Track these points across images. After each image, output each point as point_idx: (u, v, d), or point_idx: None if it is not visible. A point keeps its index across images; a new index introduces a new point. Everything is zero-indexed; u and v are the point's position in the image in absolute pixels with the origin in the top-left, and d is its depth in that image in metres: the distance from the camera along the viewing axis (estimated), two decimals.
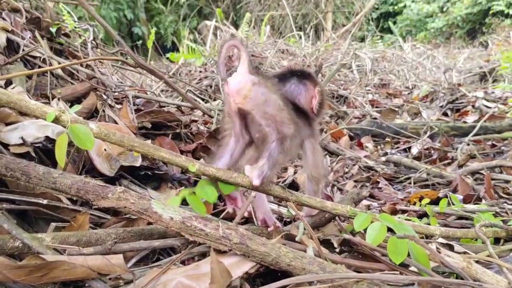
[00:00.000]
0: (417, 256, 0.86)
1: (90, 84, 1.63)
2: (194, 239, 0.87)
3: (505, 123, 3.36)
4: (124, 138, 0.89)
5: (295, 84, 1.18)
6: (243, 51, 1.02)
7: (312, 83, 1.19)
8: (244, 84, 0.98)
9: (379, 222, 0.92)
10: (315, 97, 1.17)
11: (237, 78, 0.99)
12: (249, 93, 0.98)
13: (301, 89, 1.18)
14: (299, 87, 1.18)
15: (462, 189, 1.86)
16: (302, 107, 1.15)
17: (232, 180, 0.98)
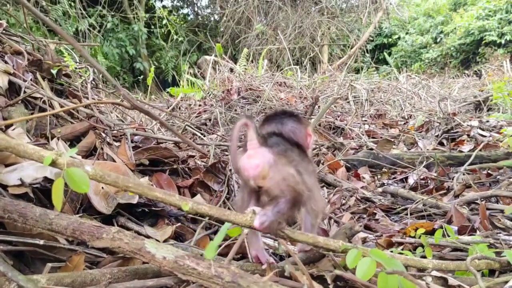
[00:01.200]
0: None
1: (89, 123, 1.67)
2: (187, 278, 0.88)
3: (500, 151, 3.38)
4: (118, 179, 0.92)
5: (292, 125, 1.25)
6: (252, 128, 1.03)
7: (305, 123, 1.29)
8: (262, 168, 1.01)
9: (368, 258, 0.93)
10: (309, 135, 1.27)
11: (254, 162, 1.02)
12: (267, 174, 1.02)
13: (299, 129, 1.25)
14: (297, 127, 1.25)
15: (457, 220, 1.87)
16: (300, 143, 1.22)
17: (225, 217, 1.00)
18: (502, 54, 12.08)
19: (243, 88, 5.61)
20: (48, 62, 1.81)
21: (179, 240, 1.55)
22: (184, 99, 5.87)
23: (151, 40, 12.64)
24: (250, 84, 5.88)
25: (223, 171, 1.94)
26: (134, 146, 1.84)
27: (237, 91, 5.59)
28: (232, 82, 5.97)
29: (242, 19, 11.83)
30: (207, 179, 1.86)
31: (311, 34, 10.76)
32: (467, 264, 1.06)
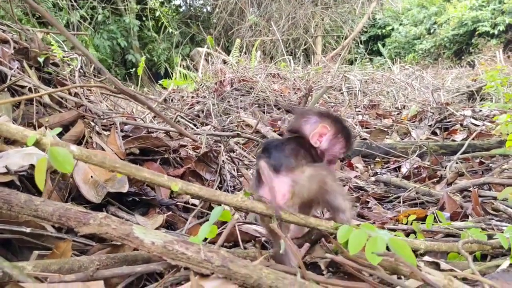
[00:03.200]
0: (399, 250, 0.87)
1: (78, 112, 1.65)
2: (176, 263, 0.87)
3: (493, 140, 3.40)
4: (105, 159, 0.90)
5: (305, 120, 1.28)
6: (265, 169, 1.05)
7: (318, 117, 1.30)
8: (288, 194, 1.05)
9: (359, 230, 0.93)
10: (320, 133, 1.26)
11: (279, 193, 1.04)
12: (294, 193, 1.06)
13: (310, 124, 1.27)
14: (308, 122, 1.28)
15: (449, 207, 1.87)
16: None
17: (215, 198, 0.99)
18: (495, 44, 12.12)
19: (236, 79, 5.57)
20: (35, 50, 1.78)
21: (170, 229, 1.54)
22: (176, 91, 5.83)
23: (143, 32, 12.52)
24: (243, 75, 5.84)
25: (215, 161, 1.92)
26: (124, 136, 1.82)
27: (230, 82, 5.56)
28: (225, 74, 5.94)
29: (235, 10, 11.74)
30: (198, 168, 1.84)
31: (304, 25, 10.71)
32: (458, 246, 1.06)
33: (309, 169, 1.10)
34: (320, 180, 1.10)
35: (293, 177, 1.07)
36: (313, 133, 1.23)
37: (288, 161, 1.10)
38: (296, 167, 1.10)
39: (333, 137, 1.26)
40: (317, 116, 1.28)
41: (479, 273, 0.96)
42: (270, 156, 1.12)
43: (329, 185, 1.10)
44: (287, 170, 1.08)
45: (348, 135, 1.30)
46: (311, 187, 1.08)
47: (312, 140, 1.24)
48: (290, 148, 1.16)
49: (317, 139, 1.24)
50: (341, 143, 1.28)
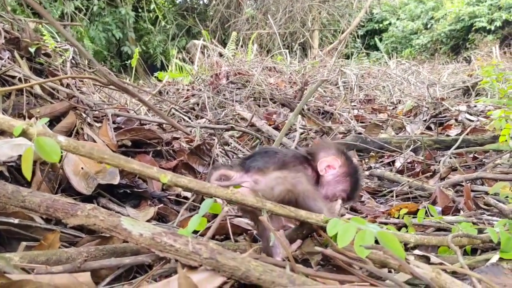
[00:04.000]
0: (387, 244, 0.87)
1: (69, 103, 1.63)
2: (164, 255, 0.87)
3: (487, 135, 3.41)
4: (93, 150, 0.89)
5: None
6: (229, 171, 1.12)
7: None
8: (246, 190, 1.07)
9: (348, 224, 0.93)
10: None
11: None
12: (255, 192, 1.07)
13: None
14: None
15: (441, 201, 1.88)
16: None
17: (205, 190, 0.98)
18: (492, 40, 12.13)
19: (232, 72, 5.55)
20: (26, 40, 1.76)
21: (162, 222, 1.54)
22: (172, 84, 5.81)
23: (138, 24, 12.42)
24: (239, 68, 5.82)
25: (208, 153, 1.92)
26: (116, 127, 1.81)
27: (225, 75, 5.53)
28: (221, 67, 5.91)
29: (232, 2, 11.67)
30: (191, 161, 1.84)
31: (301, 19, 10.66)
32: (448, 240, 1.06)
33: (277, 172, 1.11)
34: (288, 183, 1.09)
35: (257, 177, 1.09)
36: (323, 160, 1.24)
37: (260, 164, 1.13)
38: (265, 169, 1.11)
39: (340, 175, 1.26)
40: (335, 150, 1.29)
41: (467, 267, 0.96)
42: (249, 158, 1.16)
43: (299, 188, 1.09)
44: (254, 171, 1.11)
45: (355, 182, 1.29)
46: (276, 188, 1.08)
47: (319, 166, 1.24)
48: (279, 157, 1.17)
49: (325, 168, 1.25)
50: (345, 185, 1.27)
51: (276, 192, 1.08)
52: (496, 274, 1.15)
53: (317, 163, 1.23)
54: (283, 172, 1.11)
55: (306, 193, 1.11)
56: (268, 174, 1.10)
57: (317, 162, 1.24)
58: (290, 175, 1.11)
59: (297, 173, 1.13)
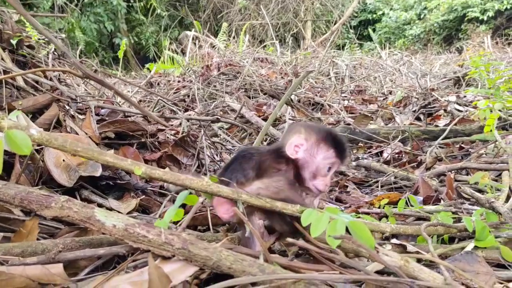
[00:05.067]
0: (358, 234, 0.89)
1: (51, 96, 1.63)
2: (138, 245, 0.88)
3: (474, 126, 3.43)
4: (66, 143, 0.90)
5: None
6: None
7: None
8: (231, 208, 1.07)
9: (320, 214, 0.94)
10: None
11: (223, 208, 1.10)
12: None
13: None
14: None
15: (423, 191, 1.90)
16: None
17: (180, 182, 0.99)
18: (484, 30, 12.15)
19: (223, 64, 5.53)
20: (8, 32, 1.74)
21: (145, 213, 1.54)
22: (163, 75, 5.78)
23: (130, 15, 12.30)
24: (230, 60, 5.80)
25: (192, 145, 1.92)
26: (100, 119, 1.80)
27: (217, 67, 5.52)
28: (212, 58, 5.88)
29: None
30: (176, 152, 1.84)
31: (294, 9, 10.61)
32: (421, 229, 1.08)
33: (258, 182, 1.11)
34: (271, 192, 1.08)
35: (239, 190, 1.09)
36: (288, 144, 1.16)
37: (240, 175, 1.12)
38: (245, 182, 1.11)
39: (312, 146, 1.17)
40: (296, 128, 1.22)
41: (437, 255, 0.98)
42: (225, 170, 1.15)
43: (282, 196, 1.08)
44: (236, 184, 1.10)
45: (335, 142, 1.18)
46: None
47: (288, 151, 1.16)
48: (256, 160, 1.16)
49: (294, 150, 1.16)
50: (324, 151, 1.17)
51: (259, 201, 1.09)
52: (469, 262, 1.17)
53: (286, 150, 1.17)
54: (263, 182, 1.11)
55: (287, 200, 1.09)
56: (248, 185, 1.10)
57: (286, 149, 1.18)
58: (271, 183, 1.10)
59: (278, 180, 1.12)
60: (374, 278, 0.79)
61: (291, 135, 1.19)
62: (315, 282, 0.80)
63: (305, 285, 0.79)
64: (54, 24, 9.28)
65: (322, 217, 0.96)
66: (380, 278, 0.80)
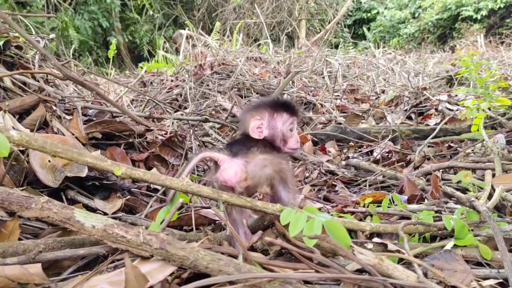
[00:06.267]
0: (334, 233, 0.90)
1: (38, 96, 1.63)
2: (117, 246, 0.89)
3: (464, 125, 3.46)
4: (46, 144, 0.91)
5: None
6: (214, 153, 1.14)
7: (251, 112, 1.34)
8: (241, 173, 1.11)
9: (299, 214, 0.95)
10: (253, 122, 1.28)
11: (231, 172, 1.11)
12: (248, 175, 1.12)
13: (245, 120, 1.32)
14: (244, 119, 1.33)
15: (409, 190, 1.92)
16: None
17: (160, 182, 1.01)
18: (478, 29, 12.21)
19: (217, 63, 5.54)
20: None
21: (131, 213, 1.55)
22: (156, 74, 5.78)
23: (125, 13, 12.26)
24: (224, 59, 5.80)
25: (180, 145, 1.93)
26: (88, 120, 1.81)
27: (210, 66, 5.52)
28: (206, 57, 5.88)
29: None
30: (163, 152, 1.85)
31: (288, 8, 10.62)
32: (398, 228, 1.10)
33: (262, 155, 1.16)
34: (276, 166, 1.15)
35: (247, 159, 1.14)
36: (250, 129, 1.25)
37: (243, 149, 1.17)
38: (250, 153, 1.16)
39: (270, 121, 1.27)
40: (249, 111, 1.31)
41: (412, 254, 1.00)
42: (231, 146, 1.20)
43: (284, 175, 1.16)
44: (242, 154, 1.14)
45: (285, 107, 1.30)
46: (266, 169, 1.14)
47: (254, 135, 1.25)
48: (248, 144, 1.21)
49: (258, 132, 1.25)
50: (281, 119, 1.28)
51: (265, 172, 1.14)
52: (448, 260, 1.20)
53: (252, 135, 1.25)
54: (269, 155, 1.17)
55: (285, 179, 1.18)
56: (257, 156, 1.15)
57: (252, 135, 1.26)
58: (276, 158, 1.18)
59: (284, 157, 1.21)
60: (347, 276, 0.81)
61: (247, 121, 1.28)
62: (290, 281, 0.81)
63: (280, 284, 0.81)
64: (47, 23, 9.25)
65: (300, 216, 0.98)
66: (353, 276, 0.82)
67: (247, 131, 1.27)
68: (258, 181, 1.15)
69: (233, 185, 1.12)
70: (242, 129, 1.32)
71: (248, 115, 1.29)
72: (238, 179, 1.11)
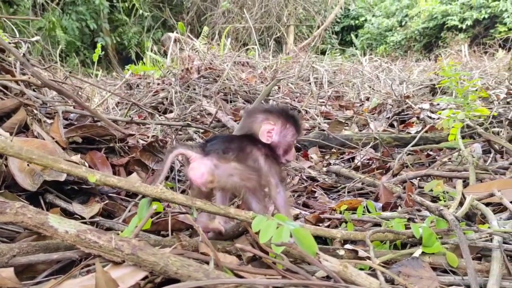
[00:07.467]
0: (301, 241, 0.94)
1: (18, 100, 1.64)
2: (89, 251, 0.91)
3: (444, 133, 3.53)
4: (21, 150, 0.93)
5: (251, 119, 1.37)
6: (187, 151, 1.16)
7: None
8: (207, 175, 1.13)
9: (269, 221, 0.99)
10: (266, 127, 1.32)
11: (198, 172, 1.13)
12: (214, 178, 1.14)
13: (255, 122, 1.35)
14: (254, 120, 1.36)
15: (385, 197, 1.97)
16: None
17: (134, 189, 1.03)
18: (463, 39, 12.45)
19: (204, 67, 5.56)
20: None
21: (110, 218, 1.57)
22: (143, 77, 5.78)
23: (113, 14, 12.22)
24: (211, 63, 5.83)
25: (161, 150, 1.96)
26: (69, 124, 1.82)
27: (197, 70, 5.54)
28: (193, 61, 5.90)
29: None
30: (144, 157, 1.87)
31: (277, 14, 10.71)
32: (366, 236, 1.14)
33: (237, 163, 1.18)
34: (244, 176, 1.17)
35: (217, 162, 1.15)
36: (261, 131, 1.30)
37: (221, 148, 1.18)
38: (226, 156, 1.17)
39: (281, 130, 1.33)
40: (262, 114, 1.35)
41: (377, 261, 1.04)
42: (210, 141, 1.22)
43: (250, 185, 1.17)
44: (215, 155, 1.16)
45: (295, 121, 1.36)
46: (233, 178, 1.15)
47: (262, 138, 1.30)
48: (230, 145, 1.22)
49: (267, 136, 1.31)
50: (291, 131, 1.35)
51: (231, 180, 1.16)
52: (415, 267, 1.24)
53: (259, 137, 1.29)
54: (241, 165, 1.18)
55: (254, 190, 1.19)
56: (228, 162, 1.16)
57: (259, 136, 1.30)
58: (247, 169, 1.19)
59: (255, 169, 1.21)
60: (312, 282, 0.84)
61: (259, 123, 1.32)
62: (256, 287, 0.84)
63: None
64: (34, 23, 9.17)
65: (270, 224, 1.01)
66: (317, 282, 0.85)
67: (252, 132, 1.32)
68: (224, 186, 1.18)
69: (198, 185, 1.15)
70: (246, 129, 1.36)
71: (259, 117, 1.33)
72: (204, 180, 1.14)
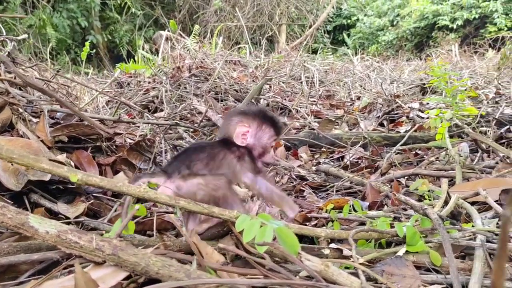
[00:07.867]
0: (284, 240, 0.94)
1: (4, 99, 1.63)
2: (70, 251, 0.91)
3: (432, 133, 3.56)
4: (2, 150, 0.92)
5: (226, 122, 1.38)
6: (151, 179, 1.16)
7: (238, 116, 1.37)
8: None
9: (253, 221, 0.99)
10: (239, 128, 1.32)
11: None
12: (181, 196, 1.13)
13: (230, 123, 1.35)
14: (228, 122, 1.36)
15: (372, 197, 1.98)
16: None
17: (117, 189, 1.03)
18: (453, 38, 12.55)
19: (195, 65, 5.54)
20: None
21: (95, 218, 1.56)
22: (134, 75, 5.75)
23: (104, 12, 12.13)
24: (202, 61, 5.81)
25: (149, 149, 1.95)
26: (55, 123, 1.81)
27: (188, 68, 5.52)
28: (184, 59, 5.88)
29: None
30: (131, 157, 1.87)
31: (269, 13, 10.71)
32: (349, 235, 1.14)
33: (200, 178, 1.17)
34: (210, 189, 1.16)
35: (179, 183, 1.15)
36: (235, 134, 1.29)
37: (184, 166, 1.19)
38: (187, 174, 1.17)
39: (256, 131, 1.32)
40: (237, 116, 1.34)
41: (361, 260, 1.05)
42: (174, 160, 1.23)
43: (219, 193, 1.17)
44: (176, 176, 1.17)
45: (273, 123, 1.35)
46: (198, 193, 1.15)
47: (237, 141, 1.29)
48: (208, 151, 1.23)
49: (242, 138, 1.29)
50: (267, 133, 1.33)
51: (198, 197, 1.15)
52: (398, 266, 1.25)
53: (235, 140, 1.29)
54: (204, 178, 1.17)
55: (225, 197, 1.19)
56: (189, 180, 1.16)
57: (235, 139, 1.29)
58: (211, 181, 1.18)
59: (219, 178, 1.20)
60: (293, 282, 0.85)
61: (233, 125, 1.31)
62: (237, 287, 0.85)
63: None
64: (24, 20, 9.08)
65: (254, 223, 1.01)
66: (298, 282, 0.86)
67: (228, 135, 1.31)
68: (195, 199, 1.16)
69: None
70: (223, 133, 1.35)
71: (234, 119, 1.32)
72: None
